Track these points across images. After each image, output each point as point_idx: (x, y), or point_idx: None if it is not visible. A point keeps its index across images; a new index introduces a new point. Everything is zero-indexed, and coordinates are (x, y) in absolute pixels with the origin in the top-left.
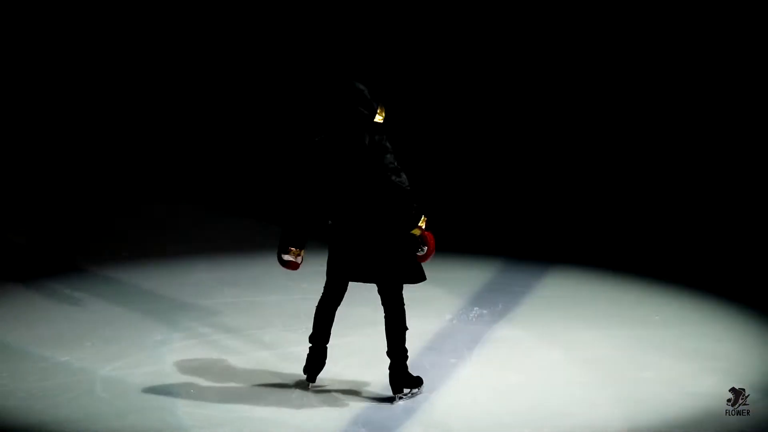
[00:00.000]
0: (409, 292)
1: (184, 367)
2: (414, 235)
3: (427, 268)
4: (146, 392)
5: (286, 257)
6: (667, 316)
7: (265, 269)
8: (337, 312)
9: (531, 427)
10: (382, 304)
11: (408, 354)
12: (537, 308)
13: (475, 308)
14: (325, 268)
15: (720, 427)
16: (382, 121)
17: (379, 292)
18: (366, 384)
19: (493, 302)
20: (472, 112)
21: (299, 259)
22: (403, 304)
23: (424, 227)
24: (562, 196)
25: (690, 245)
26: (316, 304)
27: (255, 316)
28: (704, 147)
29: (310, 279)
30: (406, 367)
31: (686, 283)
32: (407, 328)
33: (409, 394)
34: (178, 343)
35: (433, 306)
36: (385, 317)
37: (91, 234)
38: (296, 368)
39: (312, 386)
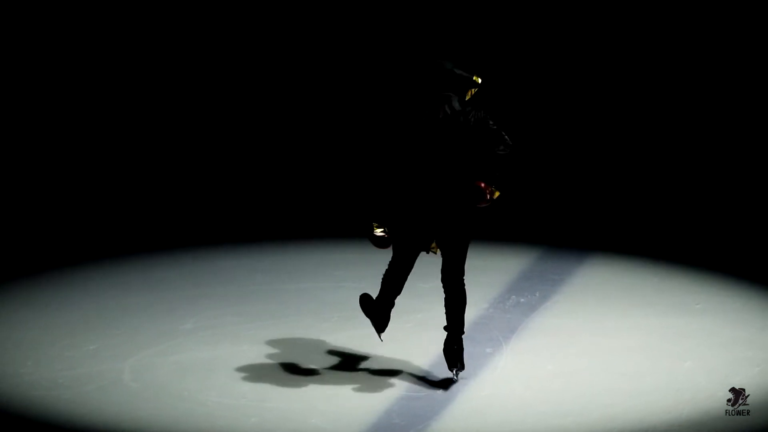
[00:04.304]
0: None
1: (214, 355)
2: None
3: None
4: (175, 382)
5: (379, 232)
6: (708, 304)
7: (297, 256)
8: None
9: (569, 417)
10: (449, 278)
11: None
12: (575, 297)
13: (512, 297)
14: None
15: (760, 418)
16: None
17: (447, 265)
18: (400, 374)
19: (530, 291)
20: (507, 98)
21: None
22: None
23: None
24: (601, 183)
25: (731, 233)
26: (384, 274)
27: (286, 303)
28: (744, 133)
29: (343, 267)
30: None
31: (727, 270)
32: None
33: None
34: (207, 332)
35: (469, 295)
36: (452, 291)
37: (119, 222)
38: (328, 357)
39: (344, 375)
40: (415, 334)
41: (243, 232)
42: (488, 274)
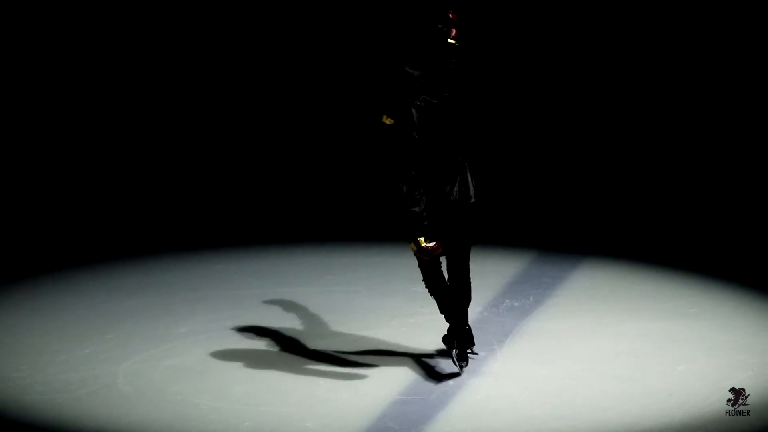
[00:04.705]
0: None
1: (208, 359)
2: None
3: None
4: (169, 385)
5: (430, 245)
6: (702, 308)
7: (290, 260)
8: (367, 304)
9: (562, 420)
10: (460, 274)
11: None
12: (569, 300)
13: (506, 300)
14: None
15: (755, 420)
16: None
17: (458, 260)
18: (394, 377)
19: (524, 294)
20: (502, 102)
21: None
22: None
23: None
24: (595, 187)
25: (725, 237)
26: (430, 286)
27: (280, 307)
28: (735, 137)
29: (335, 271)
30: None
31: (720, 274)
32: None
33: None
34: (201, 335)
35: None
36: (461, 286)
37: (112, 226)
38: (321, 360)
39: (338, 379)
40: (409, 337)
41: (236, 235)
42: (482, 277)
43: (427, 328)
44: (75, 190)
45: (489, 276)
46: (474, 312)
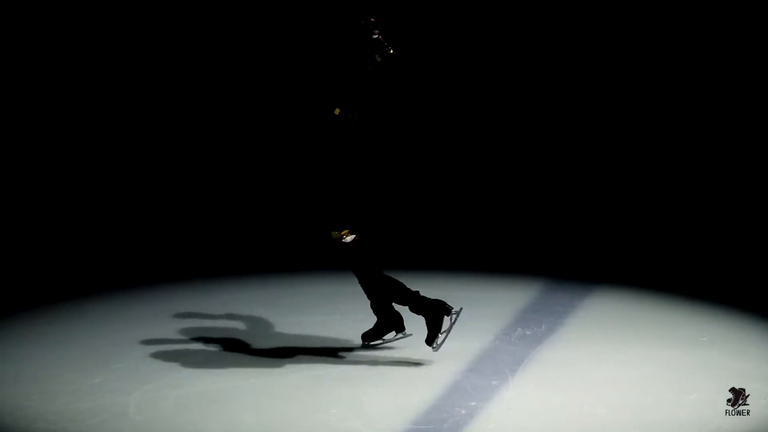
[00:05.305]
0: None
1: (220, 388)
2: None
3: (468, 288)
4: (181, 415)
5: (349, 237)
6: (714, 336)
7: (298, 288)
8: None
9: None
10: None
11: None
12: (581, 329)
13: (518, 329)
14: None
15: None
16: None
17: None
18: (407, 406)
19: (536, 322)
20: (511, 126)
21: (349, 238)
22: None
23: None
24: (607, 214)
25: (738, 265)
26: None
27: (289, 336)
28: (749, 166)
29: (346, 300)
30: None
31: (733, 302)
32: None
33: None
34: (212, 364)
35: (474, 326)
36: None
37: (121, 254)
38: (332, 389)
39: (349, 408)
40: (421, 365)
41: (246, 264)
42: (493, 306)
43: (440, 355)
44: (81, 220)
45: (500, 304)
46: (486, 341)
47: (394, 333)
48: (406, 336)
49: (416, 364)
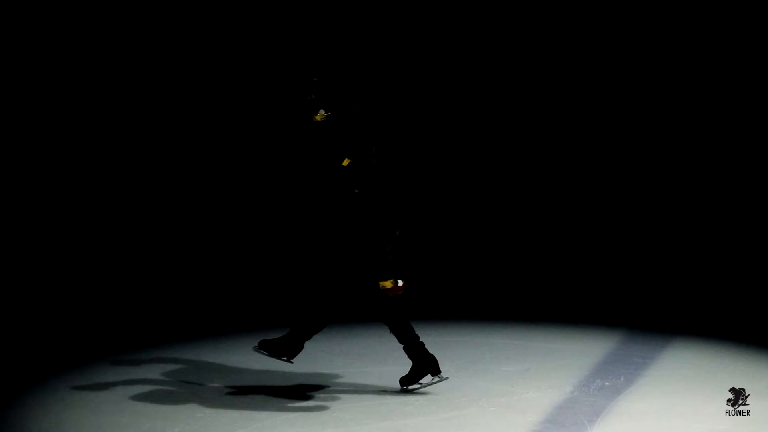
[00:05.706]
0: (527, 364)
1: None
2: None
3: (547, 339)
4: None
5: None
6: None
7: (365, 339)
8: (454, 383)
9: None
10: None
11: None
12: (659, 380)
13: (596, 380)
14: None
15: None
16: None
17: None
18: None
19: (615, 374)
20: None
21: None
22: None
23: None
24: (686, 266)
25: None
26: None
27: (357, 384)
28: None
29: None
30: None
31: None
32: None
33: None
34: (284, 415)
35: (553, 378)
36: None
37: (192, 304)
38: None
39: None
40: (498, 416)
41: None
42: (572, 356)
43: (518, 409)
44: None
45: (579, 356)
46: (565, 392)
47: (430, 376)
48: (442, 380)
49: (493, 415)
